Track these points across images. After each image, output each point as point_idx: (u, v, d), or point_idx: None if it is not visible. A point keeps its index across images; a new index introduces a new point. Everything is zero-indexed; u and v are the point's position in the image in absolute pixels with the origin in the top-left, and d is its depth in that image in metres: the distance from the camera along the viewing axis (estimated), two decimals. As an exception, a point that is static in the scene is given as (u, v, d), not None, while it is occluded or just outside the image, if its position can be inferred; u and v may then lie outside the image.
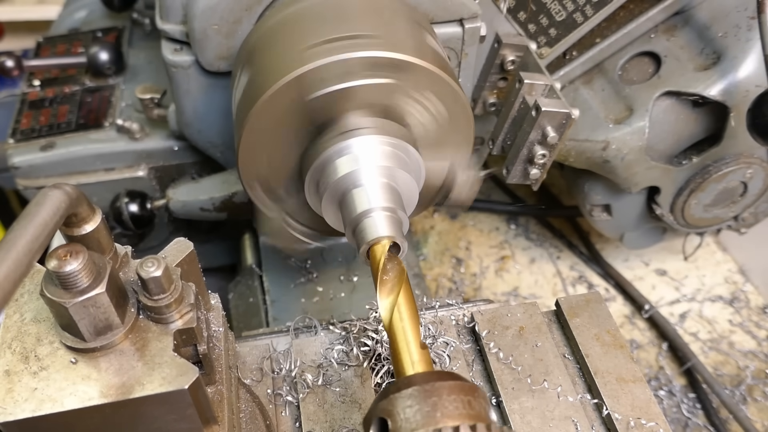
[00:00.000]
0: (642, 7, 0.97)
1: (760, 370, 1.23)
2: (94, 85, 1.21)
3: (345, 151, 0.70)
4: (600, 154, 1.01)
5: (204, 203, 1.06)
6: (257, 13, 0.81)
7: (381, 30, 0.71)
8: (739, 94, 0.94)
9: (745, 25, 0.94)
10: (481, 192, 1.59)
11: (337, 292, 1.05)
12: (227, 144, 1.00)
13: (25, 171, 1.08)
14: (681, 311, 1.34)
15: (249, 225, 1.21)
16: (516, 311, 0.80)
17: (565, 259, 1.45)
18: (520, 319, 0.79)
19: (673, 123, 1.01)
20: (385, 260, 0.63)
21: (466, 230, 1.52)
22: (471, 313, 0.81)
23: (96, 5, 1.41)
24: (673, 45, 1.00)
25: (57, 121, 1.13)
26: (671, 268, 1.42)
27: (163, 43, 0.88)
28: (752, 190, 1.10)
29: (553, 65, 1.01)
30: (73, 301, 0.50)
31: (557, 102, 0.83)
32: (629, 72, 1.03)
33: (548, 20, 0.95)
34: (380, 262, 0.63)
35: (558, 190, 1.58)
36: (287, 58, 0.69)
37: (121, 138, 1.09)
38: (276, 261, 1.10)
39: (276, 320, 1.01)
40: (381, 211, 0.67)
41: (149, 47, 1.29)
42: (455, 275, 1.42)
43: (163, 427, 0.54)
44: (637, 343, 1.29)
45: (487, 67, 0.96)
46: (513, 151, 0.89)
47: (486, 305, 0.83)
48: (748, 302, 1.35)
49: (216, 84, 0.89)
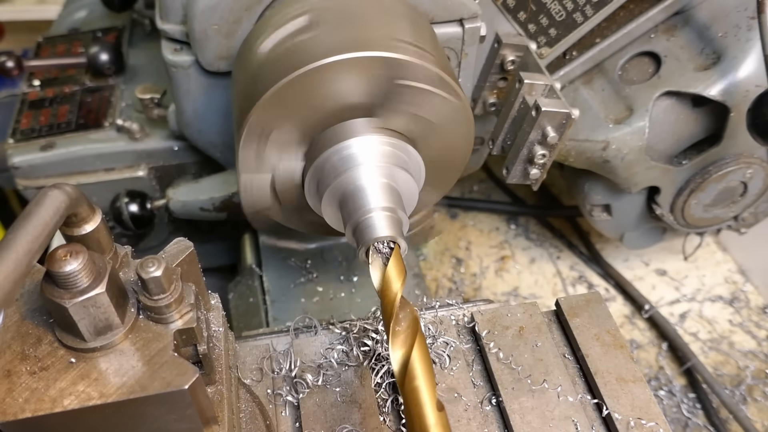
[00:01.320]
0: (642, 7, 0.97)
1: (760, 370, 1.23)
2: (94, 85, 1.21)
3: (345, 150, 0.70)
4: (600, 154, 1.01)
5: (204, 203, 1.06)
6: (257, 13, 0.81)
7: (381, 30, 0.71)
8: (739, 94, 0.94)
9: (745, 25, 0.94)
10: (481, 192, 1.60)
11: (337, 292, 1.05)
12: (227, 144, 1.00)
13: (25, 171, 1.08)
14: (681, 311, 1.34)
15: (249, 225, 1.20)
16: (516, 311, 0.80)
17: (565, 259, 1.45)
18: (520, 319, 0.79)
19: (673, 123, 1.01)
20: (397, 310, 0.60)
21: (466, 230, 1.52)
22: (471, 313, 0.81)
23: (96, 5, 1.41)
24: (673, 45, 1.00)
25: (57, 121, 1.13)
26: (671, 268, 1.42)
27: (163, 43, 0.88)
28: (752, 190, 1.10)
29: (553, 65, 1.01)
30: (72, 301, 0.50)
31: (557, 102, 0.83)
32: (629, 72, 1.03)
33: (548, 20, 0.95)
34: (393, 311, 0.60)
35: (558, 190, 1.59)
36: (287, 57, 0.69)
37: (121, 138, 1.09)
38: (276, 261, 1.10)
39: (276, 320, 1.01)
40: (381, 211, 0.67)
41: (149, 47, 1.29)
42: (455, 275, 1.42)
43: (163, 427, 0.54)
44: (637, 343, 1.29)
45: (487, 67, 0.96)
46: (513, 151, 0.89)
47: (486, 305, 0.83)
48: (748, 302, 1.35)
49: (216, 84, 0.89)
